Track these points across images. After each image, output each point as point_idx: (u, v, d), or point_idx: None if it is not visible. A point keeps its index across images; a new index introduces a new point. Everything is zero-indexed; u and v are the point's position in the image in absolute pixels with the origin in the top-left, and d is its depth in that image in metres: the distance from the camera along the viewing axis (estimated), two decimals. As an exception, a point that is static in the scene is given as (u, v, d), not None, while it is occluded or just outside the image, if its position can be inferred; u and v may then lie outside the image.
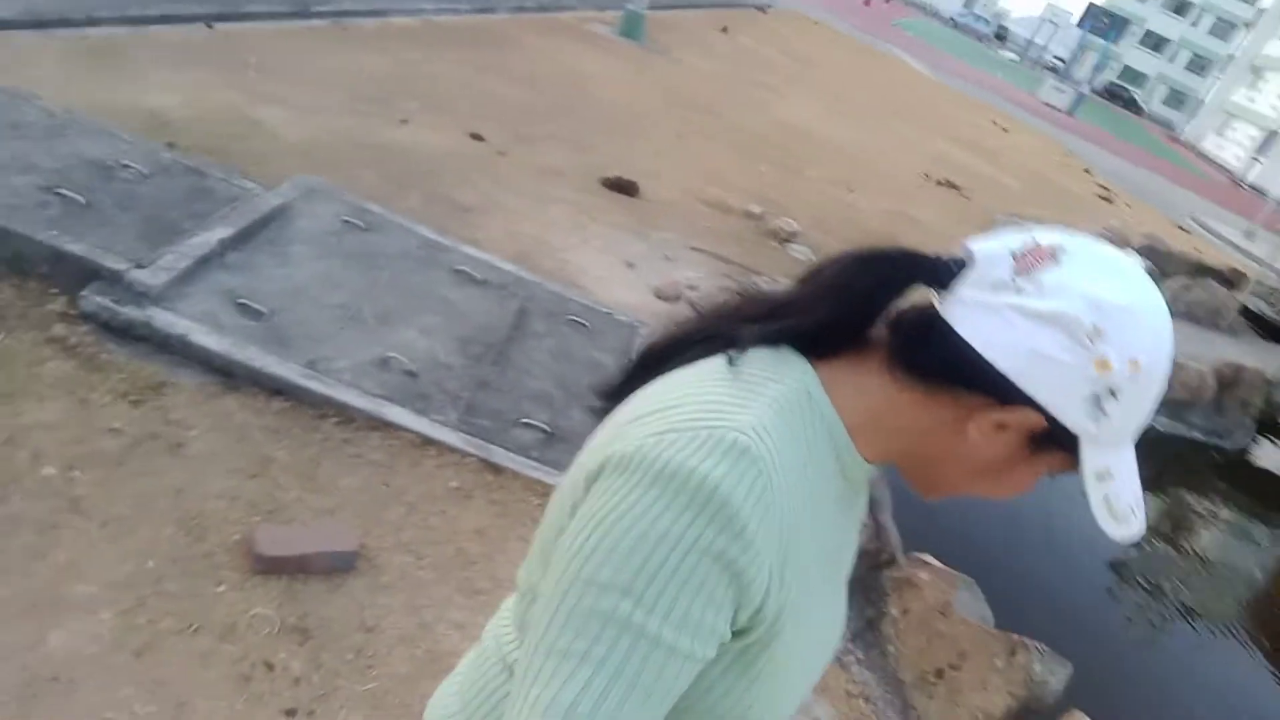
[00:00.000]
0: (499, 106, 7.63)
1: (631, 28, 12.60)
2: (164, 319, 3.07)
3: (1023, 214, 11.51)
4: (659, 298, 5.29)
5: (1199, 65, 59.22)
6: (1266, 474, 6.89)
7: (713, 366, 0.80)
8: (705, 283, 5.76)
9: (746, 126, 10.56)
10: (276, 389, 3.06)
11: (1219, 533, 5.95)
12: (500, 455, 3.13)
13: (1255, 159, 38.15)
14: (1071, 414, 0.74)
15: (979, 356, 0.74)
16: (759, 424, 0.73)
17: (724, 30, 16.93)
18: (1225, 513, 6.11)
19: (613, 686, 0.68)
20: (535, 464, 3.16)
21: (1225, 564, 5.47)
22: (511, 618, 0.94)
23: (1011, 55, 56.95)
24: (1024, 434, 0.77)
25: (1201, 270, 10.07)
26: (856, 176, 10.21)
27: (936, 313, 0.78)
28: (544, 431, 3.33)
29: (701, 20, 17.20)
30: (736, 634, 0.75)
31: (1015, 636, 2.45)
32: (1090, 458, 0.76)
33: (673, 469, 0.70)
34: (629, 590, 0.68)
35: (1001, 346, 0.73)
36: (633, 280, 5.40)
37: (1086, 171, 19.81)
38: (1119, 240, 10.19)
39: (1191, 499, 6.04)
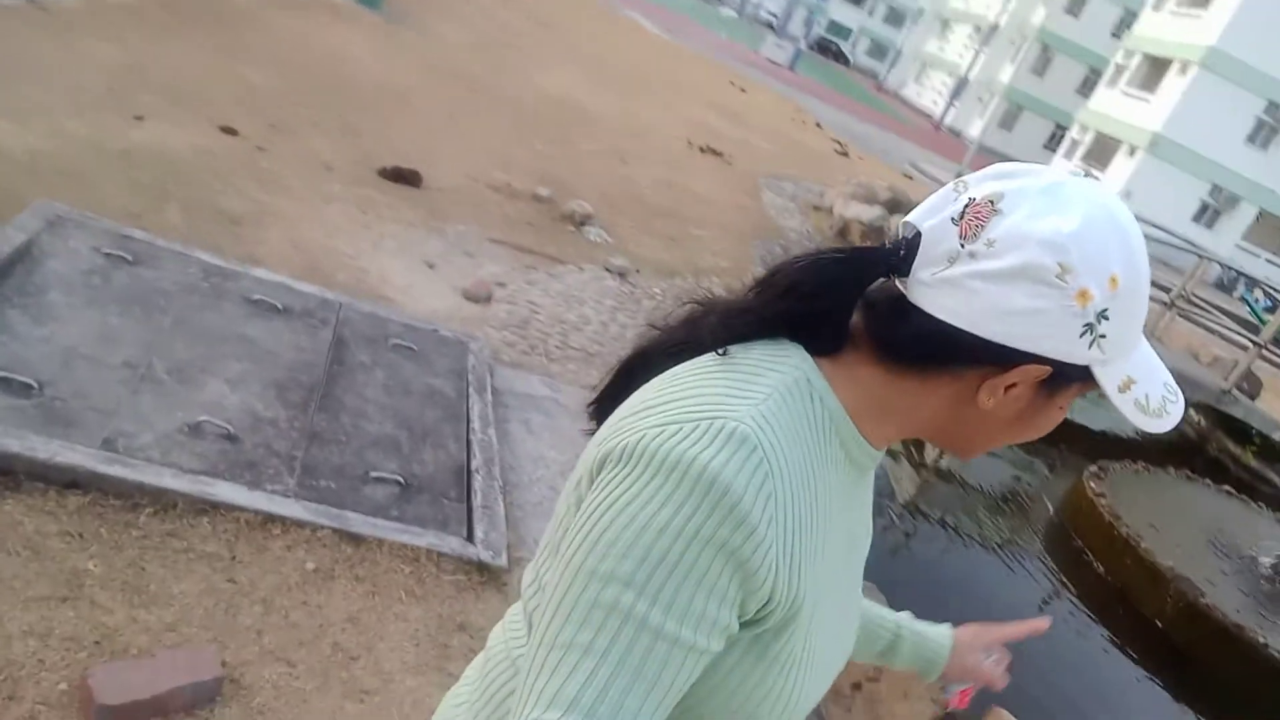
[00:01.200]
0: (246, 93, 6.85)
1: (370, -5, 11.77)
2: (-99, 413, 2.44)
3: (781, 175, 12.04)
4: (469, 299, 4.98)
5: (894, 18, 64.68)
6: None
7: (709, 359, 0.80)
8: (512, 278, 5.51)
9: (512, 99, 10.22)
10: (70, 481, 2.52)
11: (1005, 467, 6.54)
12: (356, 521, 2.77)
13: (951, 104, 42.37)
14: (1072, 351, 0.74)
15: (962, 333, 0.74)
16: (760, 413, 0.73)
17: (464, -6, 16.26)
18: (1005, 448, 6.73)
19: (616, 678, 0.67)
20: (397, 525, 2.83)
21: (1016, 497, 6.03)
22: (521, 618, 0.90)
23: (730, 12, 59.39)
24: (1035, 384, 0.77)
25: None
26: (627, 147, 10.19)
27: (905, 299, 0.78)
28: (398, 484, 3.00)
29: (438, -17, 16.42)
30: (748, 624, 0.74)
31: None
32: (1107, 377, 0.77)
33: (674, 460, 0.69)
34: (631, 582, 0.68)
35: (980, 317, 0.73)
36: (438, 283, 5.04)
37: (819, 126, 21.07)
38: (869, 195, 10.90)
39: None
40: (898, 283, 0.79)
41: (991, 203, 0.74)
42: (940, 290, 0.75)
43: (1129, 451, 6.06)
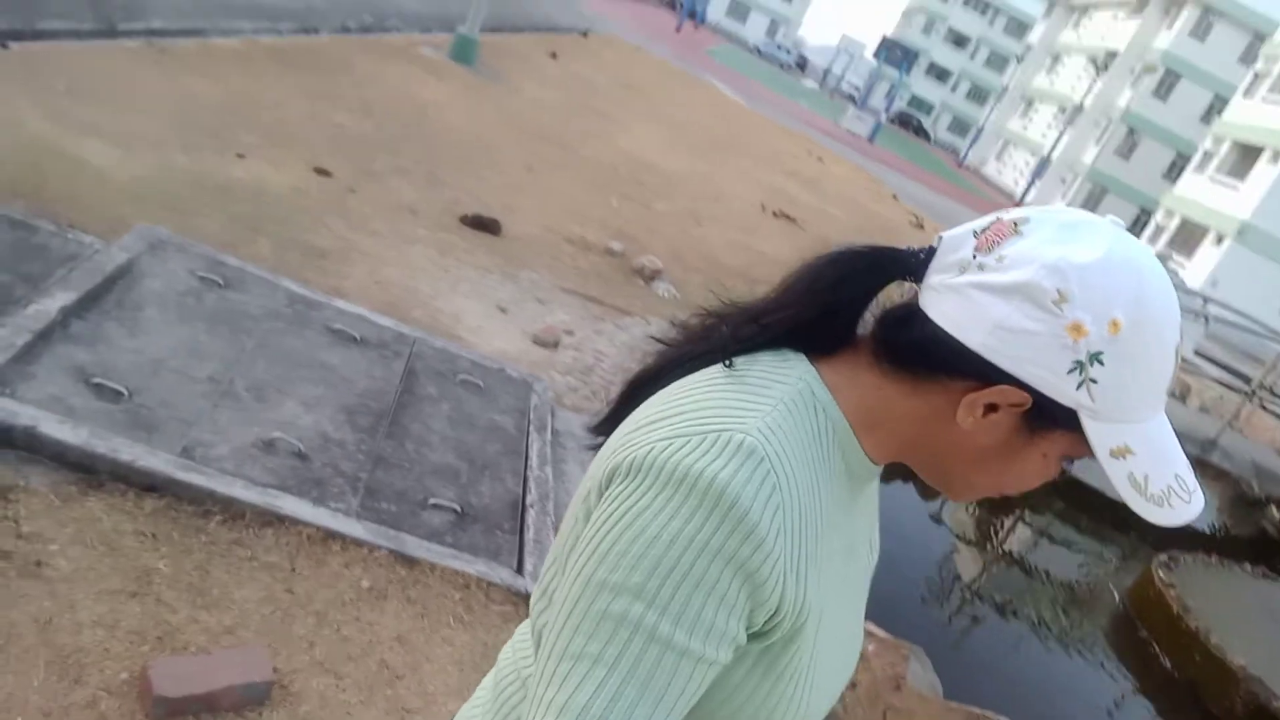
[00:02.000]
0: (340, 137, 7.20)
1: (463, 52, 12.27)
2: (4, 407, 2.61)
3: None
4: (537, 344, 5.10)
5: (978, 95, 64.72)
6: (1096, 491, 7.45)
7: (714, 372, 0.81)
8: (580, 326, 5.62)
9: (592, 157, 10.50)
10: (148, 484, 2.65)
11: (1071, 554, 6.35)
12: (412, 545, 2.85)
13: (1032, 183, 41.96)
14: (1058, 387, 0.72)
15: (951, 338, 0.74)
16: (766, 424, 0.74)
17: (553, 55, 16.85)
18: (1072, 534, 6.54)
19: (626, 689, 0.68)
20: (451, 551, 2.90)
21: (1081, 584, 5.84)
22: (529, 636, 0.91)
23: (812, 84, 60.11)
24: (1016, 414, 0.75)
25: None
26: (701, 209, 10.35)
27: (916, 304, 0.79)
28: (455, 512, 3.08)
29: (530, 44, 17.04)
30: (756, 635, 0.74)
31: (977, 710, 2.44)
32: (1098, 434, 0.73)
33: (683, 472, 0.70)
34: (641, 593, 0.68)
35: (971, 326, 0.73)
36: (508, 327, 5.18)
37: (894, 198, 21.08)
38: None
39: (1052, 523, 6.41)
40: (917, 289, 0.80)
41: (1015, 224, 0.75)
42: (944, 296, 0.76)
43: (1203, 544, 5.82)
